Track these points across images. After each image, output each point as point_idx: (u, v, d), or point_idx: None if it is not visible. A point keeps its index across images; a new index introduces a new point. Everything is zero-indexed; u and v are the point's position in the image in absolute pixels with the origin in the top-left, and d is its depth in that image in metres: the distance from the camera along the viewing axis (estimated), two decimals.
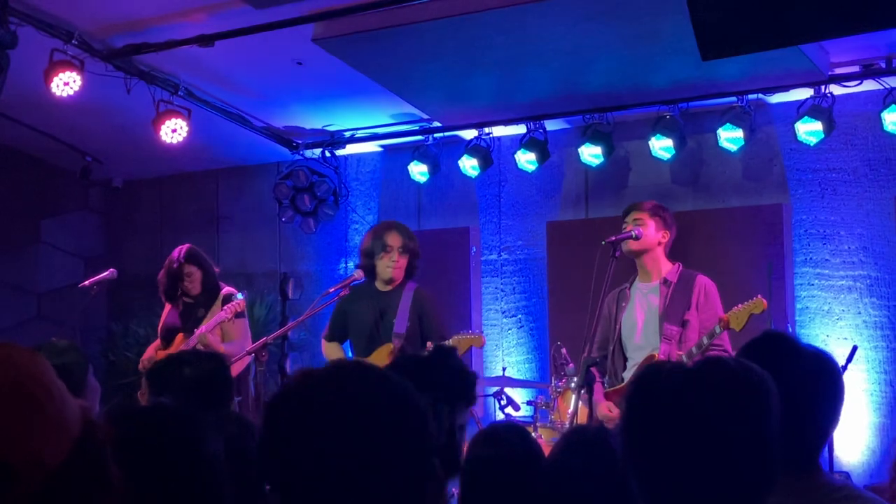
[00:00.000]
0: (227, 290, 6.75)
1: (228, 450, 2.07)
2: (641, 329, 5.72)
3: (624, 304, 5.80)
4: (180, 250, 6.77)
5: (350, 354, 6.40)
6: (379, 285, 6.19)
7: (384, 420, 1.67)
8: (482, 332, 6.14)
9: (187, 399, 3.10)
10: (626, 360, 5.75)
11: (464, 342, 5.86)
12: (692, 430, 1.78)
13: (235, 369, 6.41)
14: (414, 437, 1.70)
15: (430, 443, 1.73)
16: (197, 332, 6.44)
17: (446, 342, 5.78)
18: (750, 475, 1.78)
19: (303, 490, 1.66)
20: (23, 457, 1.29)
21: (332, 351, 6.43)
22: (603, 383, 5.72)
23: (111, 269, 7.23)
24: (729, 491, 1.78)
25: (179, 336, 6.58)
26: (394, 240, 6.11)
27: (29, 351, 1.40)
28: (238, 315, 6.60)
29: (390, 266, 6.11)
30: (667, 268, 5.78)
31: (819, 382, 2.25)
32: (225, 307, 6.48)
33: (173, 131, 7.20)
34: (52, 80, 6.59)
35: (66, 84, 6.62)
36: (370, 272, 6.20)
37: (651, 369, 1.94)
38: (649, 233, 5.72)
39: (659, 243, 5.79)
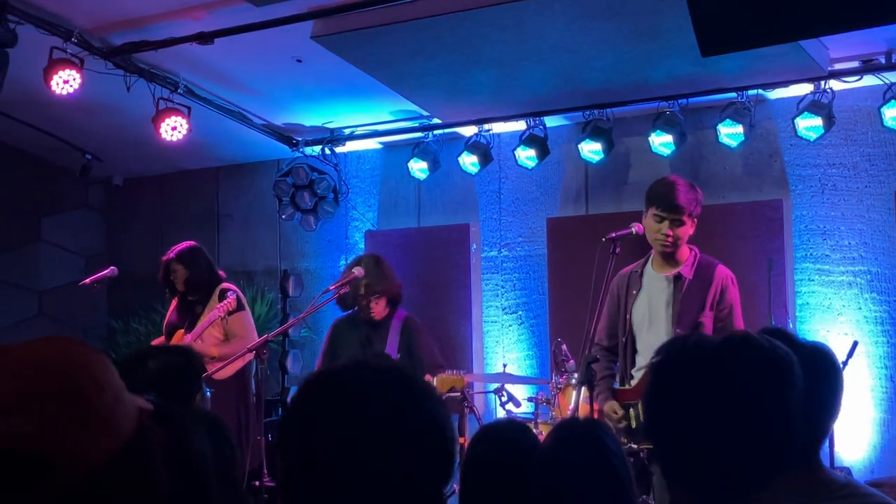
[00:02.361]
0: (224, 285, 6.75)
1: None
2: (652, 326, 5.35)
3: (635, 292, 5.41)
4: (178, 246, 6.79)
5: None
6: (365, 317, 6.50)
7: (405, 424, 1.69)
8: (462, 374, 6.26)
9: (152, 392, 3.10)
10: (635, 353, 5.40)
11: (446, 382, 6.04)
12: (717, 401, 1.79)
13: (236, 366, 6.43)
14: (433, 445, 1.72)
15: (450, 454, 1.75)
16: (189, 336, 6.45)
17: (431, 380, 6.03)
18: (770, 449, 1.80)
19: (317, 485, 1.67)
20: (63, 451, 1.28)
21: None
22: (615, 375, 5.45)
23: (111, 267, 7.24)
24: (749, 462, 1.79)
25: (179, 333, 6.59)
26: (361, 288, 6.39)
27: (89, 348, 1.39)
28: (236, 310, 6.61)
29: (368, 309, 6.44)
30: (684, 255, 5.37)
31: (817, 377, 2.25)
32: (218, 306, 6.49)
33: (173, 129, 7.20)
34: (51, 79, 6.59)
35: (65, 82, 6.62)
36: (359, 310, 6.49)
37: (678, 341, 1.95)
38: (686, 231, 5.31)
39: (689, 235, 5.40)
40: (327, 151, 8.43)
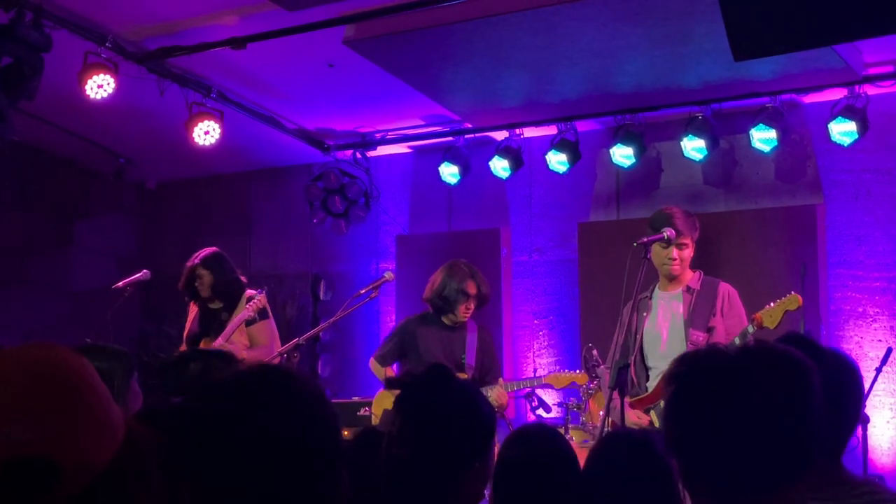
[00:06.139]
0: (249, 292, 6.74)
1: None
2: (667, 338, 5.67)
3: (645, 314, 5.74)
4: (202, 252, 6.77)
5: None
6: (446, 320, 6.45)
7: (293, 426, 1.70)
8: (581, 372, 6.33)
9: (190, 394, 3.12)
10: (647, 369, 5.71)
11: (564, 379, 6.32)
12: (735, 410, 1.79)
13: None
14: (323, 444, 1.74)
15: (338, 452, 1.76)
16: (219, 339, 6.45)
17: (543, 378, 6.40)
18: (790, 456, 1.80)
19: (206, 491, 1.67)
20: (70, 456, 1.27)
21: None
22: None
23: (144, 271, 7.25)
24: (768, 470, 1.80)
25: (205, 341, 6.56)
26: (471, 288, 6.38)
27: (73, 352, 1.38)
28: (262, 316, 6.60)
29: (466, 313, 6.41)
30: (689, 276, 5.75)
31: (838, 384, 2.27)
32: (248, 305, 6.48)
33: (206, 133, 7.24)
34: (86, 83, 6.64)
35: (99, 86, 6.67)
36: (441, 311, 6.44)
37: (694, 353, 1.96)
38: (689, 254, 5.69)
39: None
40: (358, 156, 8.45)
